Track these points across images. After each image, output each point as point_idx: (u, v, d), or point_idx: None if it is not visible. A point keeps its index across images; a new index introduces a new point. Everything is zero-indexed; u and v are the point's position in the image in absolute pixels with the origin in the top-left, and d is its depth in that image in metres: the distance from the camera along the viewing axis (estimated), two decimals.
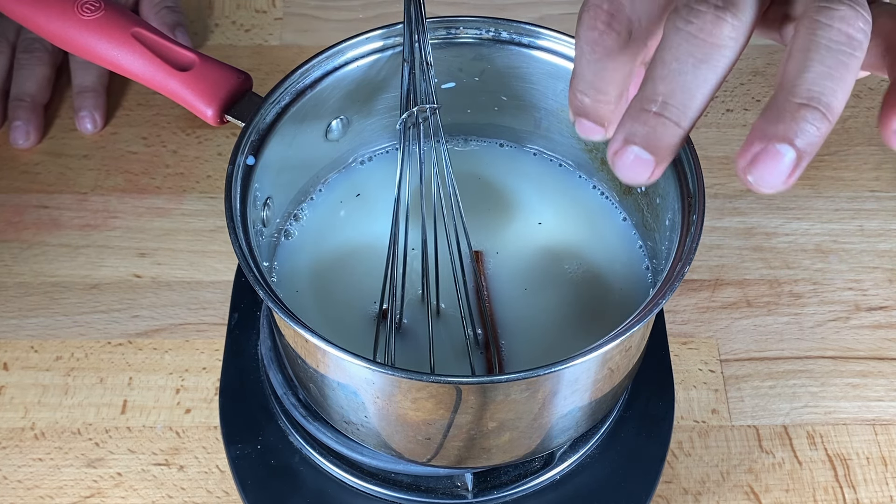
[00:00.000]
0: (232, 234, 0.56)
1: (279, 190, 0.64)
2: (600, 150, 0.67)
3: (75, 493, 0.68)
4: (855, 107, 0.89)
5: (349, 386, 0.57)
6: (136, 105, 0.88)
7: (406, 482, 0.64)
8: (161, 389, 0.73)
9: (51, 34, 0.64)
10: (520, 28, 0.64)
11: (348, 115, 0.66)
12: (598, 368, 0.57)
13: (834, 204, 0.83)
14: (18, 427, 0.71)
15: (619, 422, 0.67)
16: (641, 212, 0.65)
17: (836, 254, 0.80)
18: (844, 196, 0.84)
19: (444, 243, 0.61)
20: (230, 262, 0.78)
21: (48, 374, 0.73)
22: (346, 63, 0.64)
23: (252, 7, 0.95)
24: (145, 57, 0.62)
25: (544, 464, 0.65)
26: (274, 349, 0.67)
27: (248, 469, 0.65)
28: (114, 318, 0.76)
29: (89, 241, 0.80)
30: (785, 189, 0.43)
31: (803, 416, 0.72)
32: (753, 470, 0.70)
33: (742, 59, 0.92)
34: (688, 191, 0.59)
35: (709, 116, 0.88)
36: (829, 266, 0.80)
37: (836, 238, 0.81)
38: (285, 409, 0.66)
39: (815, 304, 0.78)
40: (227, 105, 0.61)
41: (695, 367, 0.74)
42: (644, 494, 0.65)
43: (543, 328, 0.63)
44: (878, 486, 0.69)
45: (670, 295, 0.54)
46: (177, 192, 0.82)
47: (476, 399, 0.55)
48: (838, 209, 0.83)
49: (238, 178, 0.58)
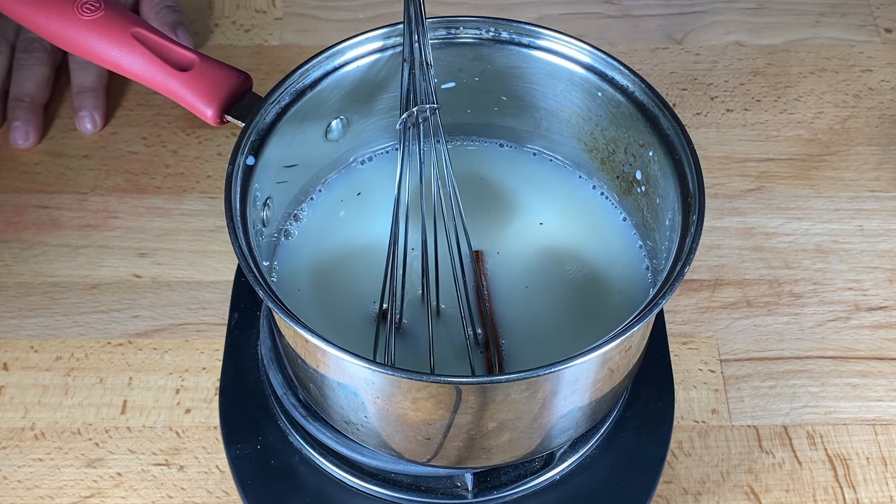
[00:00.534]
0: (232, 234, 0.56)
1: (279, 190, 0.64)
2: (600, 150, 0.67)
3: (75, 493, 0.68)
4: (855, 107, 0.89)
5: (349, 386, 0.57)
6: (136, 105, 0.88)
7: (406, 482, 0.64)
8: (161, 389, 0.73)
9: (51, 34, 0.64)
10: (520, 28, 0.64)
11: (348, 115, 0.66)
12: (598, 368, 0.57)
13: (834, 204, 0.83)
14: (18, 427, 0.71)
15: (619, 422, 0.67)
16: (641, 212, 0.65)
17: (836, 254, 0.80)
18: (844, 196, 0.84)
19: (444, 243, 0.61)
20: (230, 262, 0.78)
21: (48, 374, 0.73)
22: (346, 63, 0.64)
23: (252, 7, 0.95)
24: (145, 57, 0.62)
25: (544, 464, 0.65)
26: (274, 349, 0.67)
27: (248, 469, 0.65)
28: (114, 318, 0.76)
29: (89, 241, 0.80)
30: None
31: (803, 416, 0.72)
32: (753, 470, 0.70)
33: (742, 59, 0.92)
34: (688, 191, 0.59)
35: (709, 116, 0.88)
36: (829, 266, 0.80)
37: (836, 238, 0.81)
38: (285, 409, 0.66)
39: (815, 304, 0.78)
40: (227, 105, 0.61)
41: (695, 367, 0.74)
42: (644, 494, 0.65)
43: (543, 328, 0.63)
44: (878, 486, 0.69)
45: (670, 295, 0.54)
46: (177, 192, 0.82)
47: (476, 399, 0.55)
48: (838, 209, 0.83)
49: (238, 178, 0.58)
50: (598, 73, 0.64)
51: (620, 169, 0.66)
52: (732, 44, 0.93)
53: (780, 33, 0.94)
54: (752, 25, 0.95)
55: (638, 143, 0.63)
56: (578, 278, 0.65)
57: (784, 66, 0.92)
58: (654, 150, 0.62)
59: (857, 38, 0.94)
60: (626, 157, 0.65)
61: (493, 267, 0.65)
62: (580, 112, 0.66)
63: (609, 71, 0.63)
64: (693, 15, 0.96)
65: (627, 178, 0.66)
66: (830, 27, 0.94)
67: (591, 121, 0.66)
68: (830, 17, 0.95)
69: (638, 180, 0.65)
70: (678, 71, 0.91)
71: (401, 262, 0.60)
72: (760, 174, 0.85)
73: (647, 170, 0.63)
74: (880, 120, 0.88)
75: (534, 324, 0.63)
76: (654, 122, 0.62)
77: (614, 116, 0.64)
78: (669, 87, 0.90)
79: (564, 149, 0.69)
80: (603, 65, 0.63)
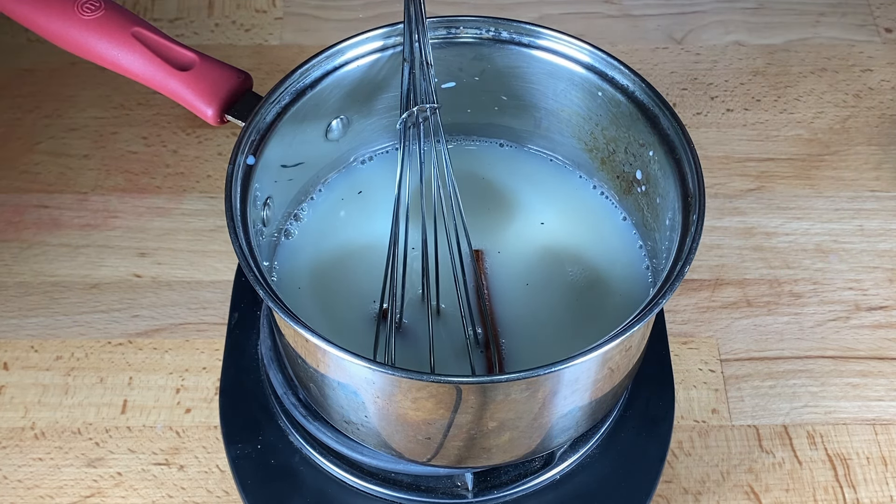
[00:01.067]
0: (232, 234, 0.56)
1: (279, 190, 0.64)
2: (600, 150, 0.67)
3: (75, 492, 0.68)
4: (855, 107, 0.89)
5: (349, 386, 0.57)
6: (136, 105, 0.88)
7: (406, 482, 0.64)
8: (161, 389, 0.73)
9: (51, 34, 0.64)
10: (520, 28, 0.64)
11: (348, 115, 0.66)
12: (598, 368, 0.57)
13: (834, 204, 0.83)
14: (18, 427, 0.71)
15: (619, 421, 0.67)
16: (641, 212, 0.65)
17: (836, 254, 0.80)
18: (844, 196, 0.84)
19: (445, 243, 0.61)
20: (230, 262, 0.78)
21: (48, 374, 0.73)
22: (346, 63, 0.64)
23: (252, 7, 0.95)
24: (145, 57, 0.62)
25: (544, 463, 0.65)
26: (274, 349, 0.67)
27: (248, 469, 0.65)
28: (114, 317, 0.76)
29: (89, 241, 0.80)
30: None
31: (803, 416, 0.72)
32: (753, 470, 0.70)
33: (742, 59, 0.92)
34: (688, 190, 0.59)
35: (709, 116, 0.88)
36: (829, 266, 0.80)
37: (836, 238, 0.81)
38: (285, 408, 0.66)
39: (815, 304, 0.78)
40: (228, 105, 0.61)
41: (695, 367, 0.74)
42: (644, 494, 0.65)
43: (544, 328, 0.63)
44: (878, 486, 0.69)
45: (670, 295, 0.54)
46: (177, 191, 0.82)
47: (476, 399, 0.55)
48: (838, 209, 0.83)
49: (238, 178, 0.58)
50: (599, 72, 0.64)
51: (621, 169, 0.66)
52: (732, 44, 0.93)
53: (780, 33, 0.94)
54: (752, 25, 0.95)
55: (638, 143, 0.63)
56: (578, 278, 0.65)
57: (784, 66, 0.92)
58: (655, 150, 0.62)
59: (858, 38, 0.94)
60: (626, 156, 0.65)
61: (494, 266, 0.65)
62: (580, 112, 0.66)
63: (609, 71, 0.63)
64: (693, 15, 0.96)
65: (628, 177, 0.66)
66: (830, 27, 0.94)
67: (591, 120, 0.66)
68: (830, 16, 0.95)
69: (638, 180, 0.65)
70: (678, 71, 0.91)
71: (401, 261, 0.60)
72: (760, 174, 0.85)
73: (648, 169, 0.63)
74: (880, 120, 0.88)
75: (534, 323, 0.63)
76: (655, 121, 0.62)
77: (614, 116, 0.64)
78: (669, 86, 0.90)
79: (564, 149, 0.69)
80: (603, 64, 0.63)
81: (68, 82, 0.88)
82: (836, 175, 0.85)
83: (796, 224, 0.82)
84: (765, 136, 0.87)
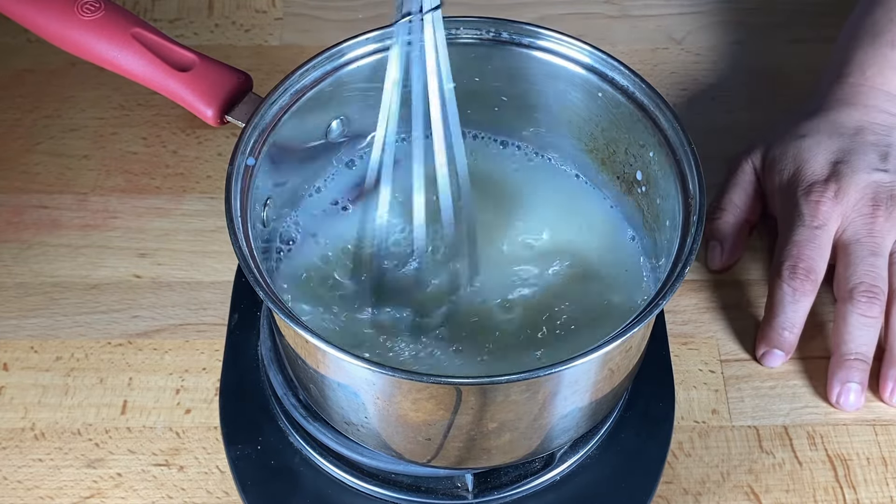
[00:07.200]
0: (232, 235, 0.56)
1: (279, 190, 0.64)
2: (600, 151, 0.67)
3: (75, 493, 0.68)
4: None
5: (349, 387, 0.57)
6: (136, 105, 0.88)
7: (406, 483, 0.64)
8: (161, 390, 0.73)
9: (51, 34, 0.64)
10: (520, 28, 0.64)
11: (348, 115, 0.66)
12: (598, 369, 0.57)
13: None
14: (18, 427, 0.71)
15: (620, 422, 0.67)
16: (642, 212, 0.65)
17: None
18: None
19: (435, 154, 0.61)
20: (230, 262, 0.78)
21: (48, 375, 0.73)
22: (346, 63, 0.64)
23: (252, 7, 0.95)
24: (145, 57, 0.62)
25: (544, 464, 0.65)
26: (274, 350, 0.67)
27: (249, 470, 0.65)
28: (114, 318, 0.76)
29: (89, 241, 0.80)
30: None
31: (803, 417, 0.72)
32: (754, 470, 0.70)
33: (742, 59, 0.92)
34: (688, 191, 0.59)
35: (709, 117, 0.88)
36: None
37: None
38: (285, 409, 0.66)
39: (816, 304, 0.77)
40: (227, 105, 0.61)
41: (695, 368, 0.74)
42: (644, 495, 0.65)
43: (543, 328, 0.63)
44: (878, 487, 0.69)
45: (670, 295, 0.54)
46: (177, 192, 0.82)
47: (476, 400, 0.55)
48: None
49: (238, 178, 0.58)
50: (599, 73, 0.64)
51: (621, 169, 0.66)
52: (733, 44, 0.93)
53: (780, 33, 0.94)
54: (752, 25, 0.95)
55: (638, 144, 0.63)
56: (578, 278, 0.65)
57: (784, 67, 0.92)
58: (655, 151, 0.62)
59: None
60: (626, 157, 0.65)
61: (493, 266, 0.65)
62: (580, 113, 0.66)
63: (609, 71, 0.63)
64: (693, 15, 0.96)
65: (628, 178, 0.66)
66: (830, 27, 0.94)
67: (591, 121, 0.66)
68: (831, 16, 0.95)
69: (638, 181, 0.65)
70: (678, 71, 0.91)
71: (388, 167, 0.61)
72: None
73: (648, 170, 0.63)
74: None
75: (533, 324, 0.63)
76: (655, 122, 0.62)
77: (615, 117, 0.64)
78: (670, 87, 0.90)
79: (564, 149, 0.69)
80: (603, 65, 0.63)
81: (68, 83, 0.88)
82: None
83: None
84: (765, 136, 0.87)
